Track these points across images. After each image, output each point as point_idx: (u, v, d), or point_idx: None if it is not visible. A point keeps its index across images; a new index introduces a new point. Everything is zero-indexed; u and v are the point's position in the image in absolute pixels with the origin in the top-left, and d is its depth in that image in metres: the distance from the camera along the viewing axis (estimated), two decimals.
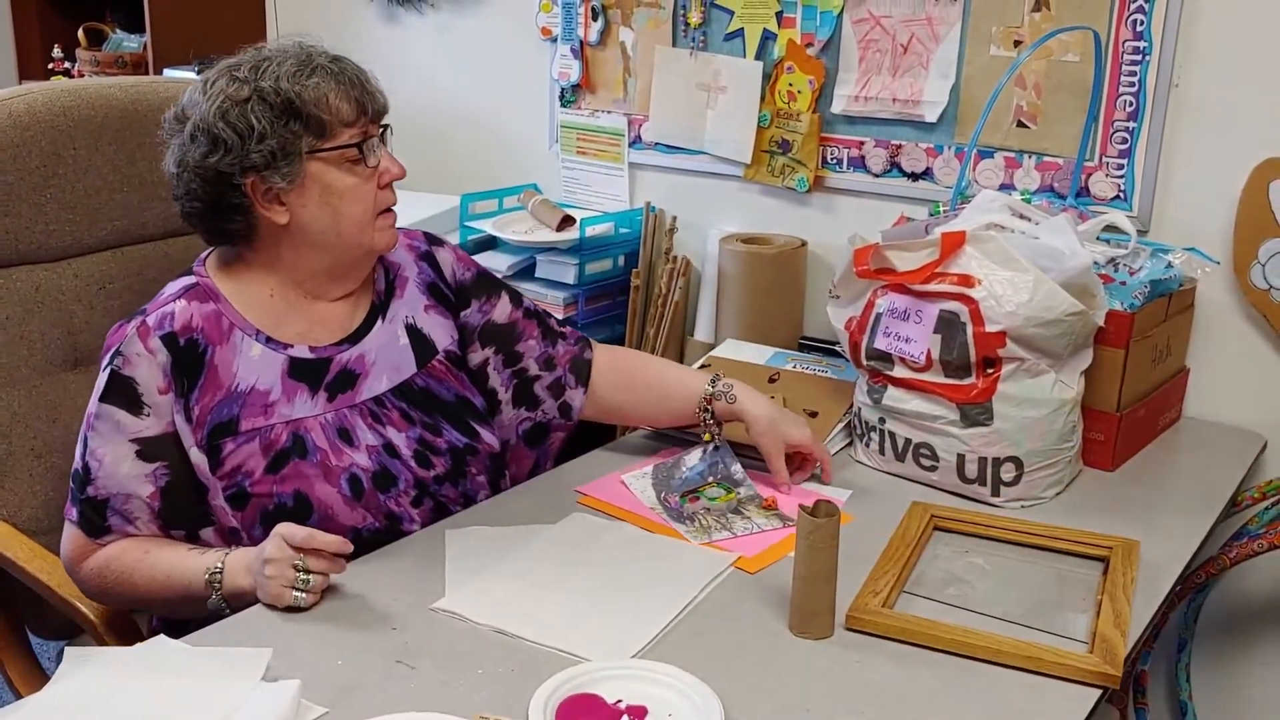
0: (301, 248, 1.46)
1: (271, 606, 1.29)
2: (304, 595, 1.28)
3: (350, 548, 1.30)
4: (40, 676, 1.67)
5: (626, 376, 1.71)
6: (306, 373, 1.47)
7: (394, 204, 1.50)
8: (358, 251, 1.48)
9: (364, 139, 1.44)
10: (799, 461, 1.63)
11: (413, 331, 1.57)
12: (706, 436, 1.66)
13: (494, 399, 1.66)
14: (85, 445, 1.41)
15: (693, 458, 1.65)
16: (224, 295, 1.46)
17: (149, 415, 1.40)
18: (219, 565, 1.34)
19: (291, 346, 1.47)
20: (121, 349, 1.40)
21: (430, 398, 1.56)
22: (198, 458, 1.41)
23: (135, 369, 1.39)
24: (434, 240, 1.67)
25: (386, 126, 1.50)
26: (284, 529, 1.29)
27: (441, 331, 1.60)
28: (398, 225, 1.53)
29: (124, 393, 1.39)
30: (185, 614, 1.40)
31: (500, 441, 1.63)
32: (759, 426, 1.60)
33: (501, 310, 1.66)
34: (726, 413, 1.63)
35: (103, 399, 1.40)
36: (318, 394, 1.47)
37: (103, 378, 1.41)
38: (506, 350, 1.65)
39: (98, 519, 1.40)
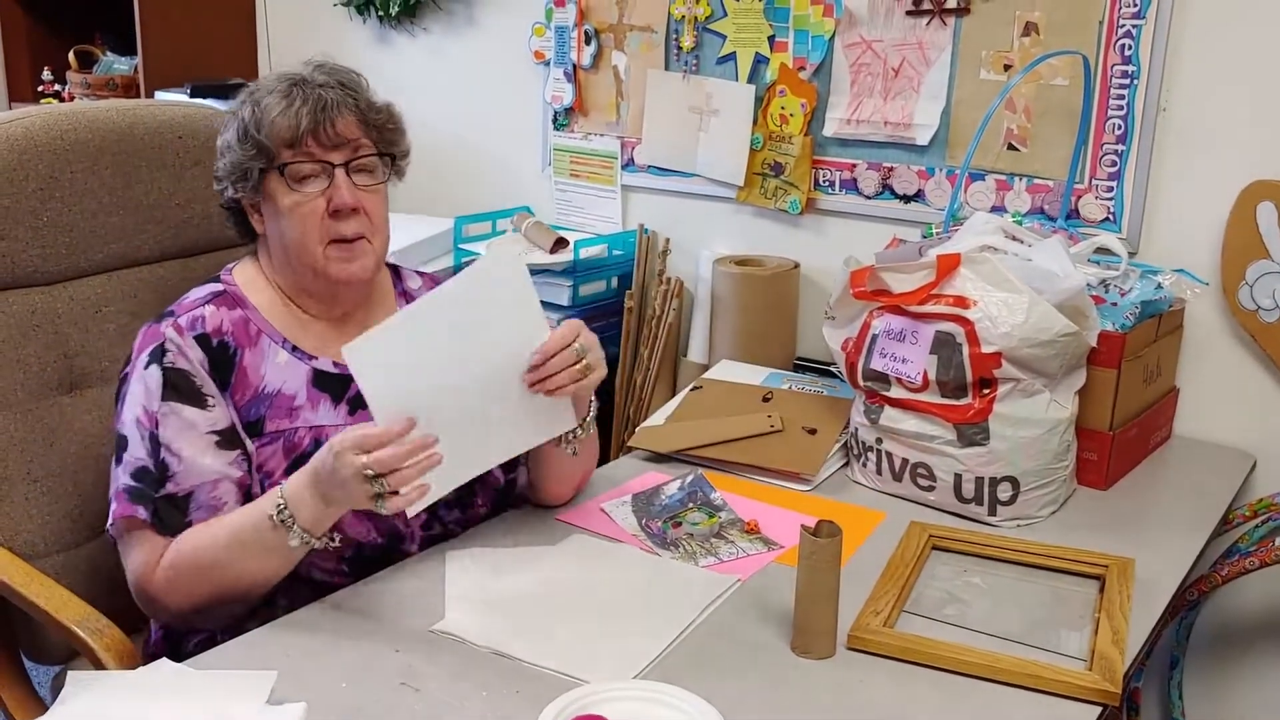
0: (278, 262, 1.51)
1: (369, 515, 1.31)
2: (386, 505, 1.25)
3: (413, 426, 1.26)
4: (36, 702, 1.65)
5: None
6: (330, 384, 1.49)
7: (348, 235, 1.45)
8: (309, 275, 1.48)
9: (306, 162, 1.43)
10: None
11: None
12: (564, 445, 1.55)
13: None
14: (155, 443, 1.40)
15: (671, 487, 1.66)
16: (251, 303, 1.50)
17: (214, 407, 1.42)
18: (281, 500, 1.31)
19: (316, 359, 1.50)
20: (166, 345, 1.43)
21: None
22: (251, 448, 1.44)
23: (186, 360, 1.42)
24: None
25: (365, 158, 1.47)
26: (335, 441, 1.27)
27: None
28: (420, 266, 1.54)
29: (184, 387, 1.41)
30: (264, 576, 1.36)
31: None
32: None
33: None
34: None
35: (165, 397, 1.41)
36: (340, 405, 1.49)
37: (153, 376, 1.41)
38: None
39: (179, 514, 1.39)
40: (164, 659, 1.23)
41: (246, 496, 1.42)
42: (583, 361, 1.38)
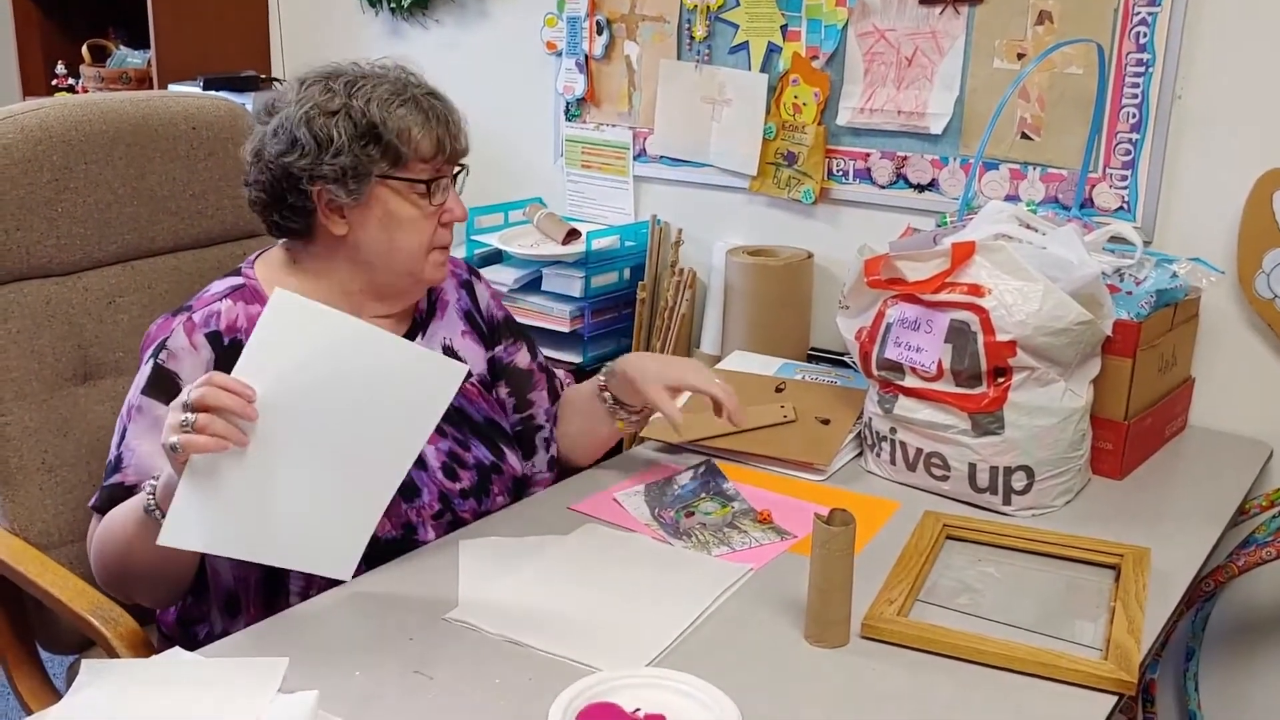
0: (355, 263, 1.49)
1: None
2: (178, 439, 1.18)
3: (251, 394, 1.21)
4: (50, 691, 1.66)
5: (561, 409, 1.74)
6: None
7: (449, 244, 1.52)
8: (405, 279, 1.50)
9: (436, 176, 1.46)
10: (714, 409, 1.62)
11: (449, 353, 1.60)
12: (619, 424, 1.67)
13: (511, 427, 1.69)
14: (122, 436, 1.42)
15: (684, 477, 1.66)
16: None
17: None
18: (153, 482, 1.29)
19: None
20: (167, 343, 1.42)
21: (462, 415, 1.57)
22: None
23: (179, 363, 1.41)
24: (474, 272, 1.71)
25: (463, 167, 1.52)
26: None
27: (476, 358, 1.63)
28: None
29: (166, 387, 1.40)
30: (160, 559, 1.32)
31: None
32: (642, 376, 1.59)
33: (523, 358, 1.69)
34: (620, 387, 1.63)
35: (145, 391, 1.42)
36: None
37: (145, 369, 1.43)
38: (520, 396, 1.68)
39: (117, 503, 1.40)
40: (177, 647, 1.23)
41: None
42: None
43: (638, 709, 1.12)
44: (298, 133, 1.41)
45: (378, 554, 1.45)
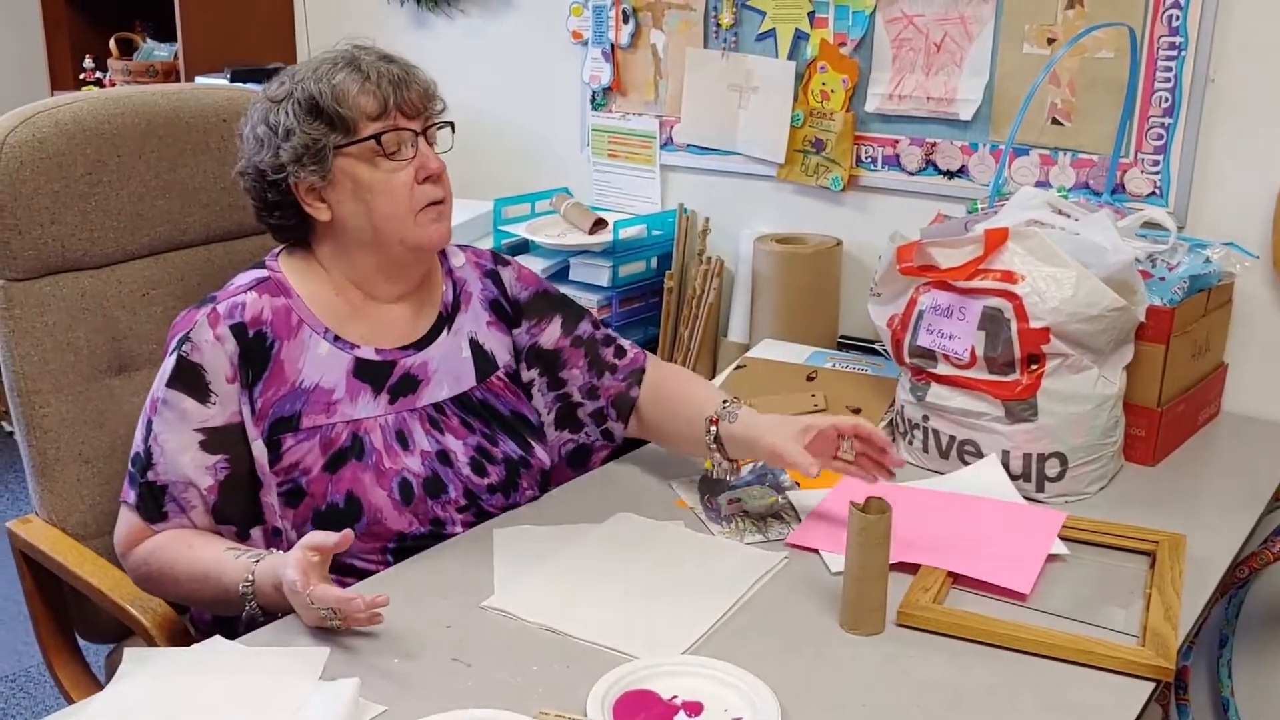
0: (349, 245, 1.49)
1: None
2: (338, 622, 1.23)
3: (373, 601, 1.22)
4: (90, 680, 1.68)
5: (657, 393, 1.66)
6: (371, 374, 1.49)
7: (439, 199, 1.49)
8: (397, 248, 1.48)
9: (401, 130, 1.45)
10: (864, 458, 1.47)
11: (475, 346, 1.59)
12: (708, 464, 1.56)
13: (539, 418, 1.68)
14: (149, 429, 1.43)
15: (745, 469, 1.63)
16: (295, 291, 1.49)
17: (215, 404, 1.42)
18: (250, 578, 1.31)
19: (358, 347, 1.49)
20: (191, 335, 1.42)
21: (489, 410, 1.57)
22: (260, 450, 1.43)
23: (204, 355, 1.42)
24: (500, 259, 1.69)
25: (442, 125, 1.51)
26: (294, 568, 1.22)
27: (502, 349, 1.62)
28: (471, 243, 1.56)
29: (191, 380, 1.41)
30: (221, 611, 1.43)
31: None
32: (764, 429, 1.47)
33: (550, 335, 1.65)
34: (729, 434, 1.52)
35: (169, 384, 1.42)
36: (380, 396, 1.49)
37: (170, 362, 1.43)
38: (550, 375, 1.66)
39: (155, 504, 1.42)
40: (218, 636, 1.24)
41: (226, 500, 1.43)
42: None
43: (674, 696, 1.12)
44: (257, 130, 1.46)
45: (407, 550, 1.45)
